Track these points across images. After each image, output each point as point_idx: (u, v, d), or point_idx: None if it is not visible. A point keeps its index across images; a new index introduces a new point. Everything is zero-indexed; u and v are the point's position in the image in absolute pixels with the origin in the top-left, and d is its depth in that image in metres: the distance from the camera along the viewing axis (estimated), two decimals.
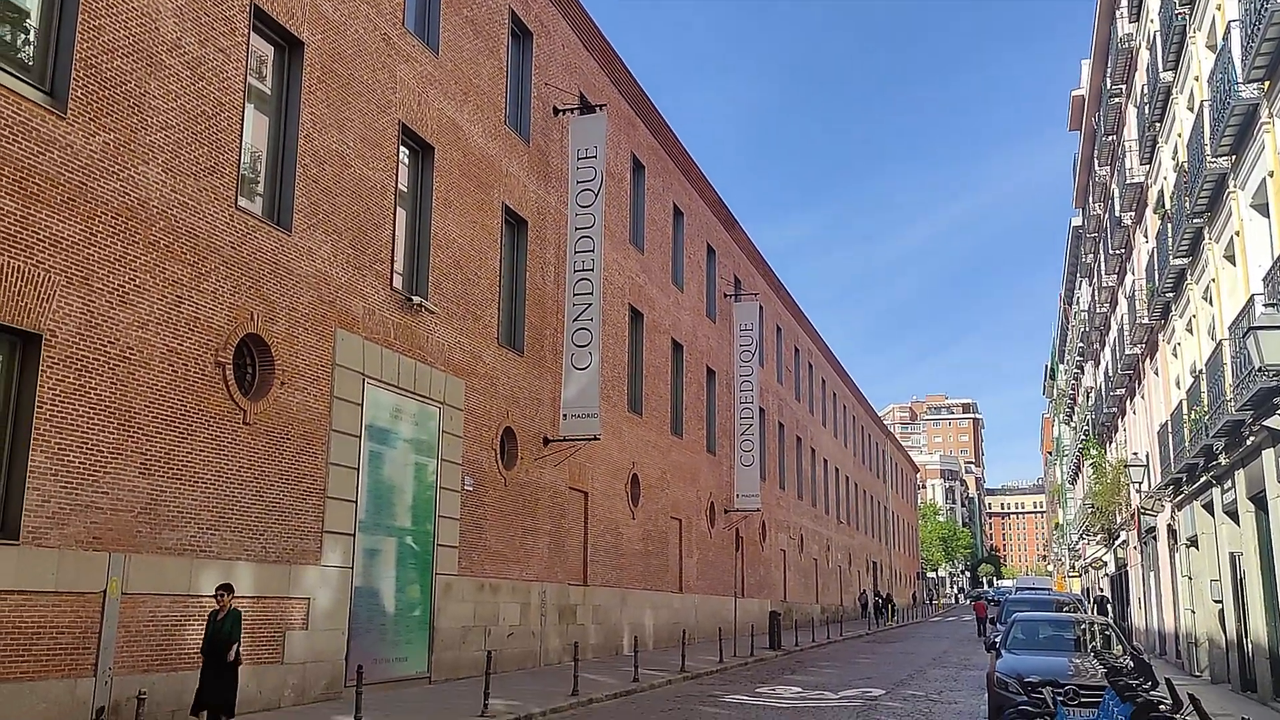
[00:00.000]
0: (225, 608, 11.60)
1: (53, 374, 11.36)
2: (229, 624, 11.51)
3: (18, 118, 11.08)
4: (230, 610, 11.63)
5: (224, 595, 11.69)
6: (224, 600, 11.64)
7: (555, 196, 24.64)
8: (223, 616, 11.54)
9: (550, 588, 23.26)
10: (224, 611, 11.57)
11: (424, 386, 18.66)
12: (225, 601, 11.63)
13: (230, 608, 11.70)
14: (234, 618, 11.59)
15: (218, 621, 11.52)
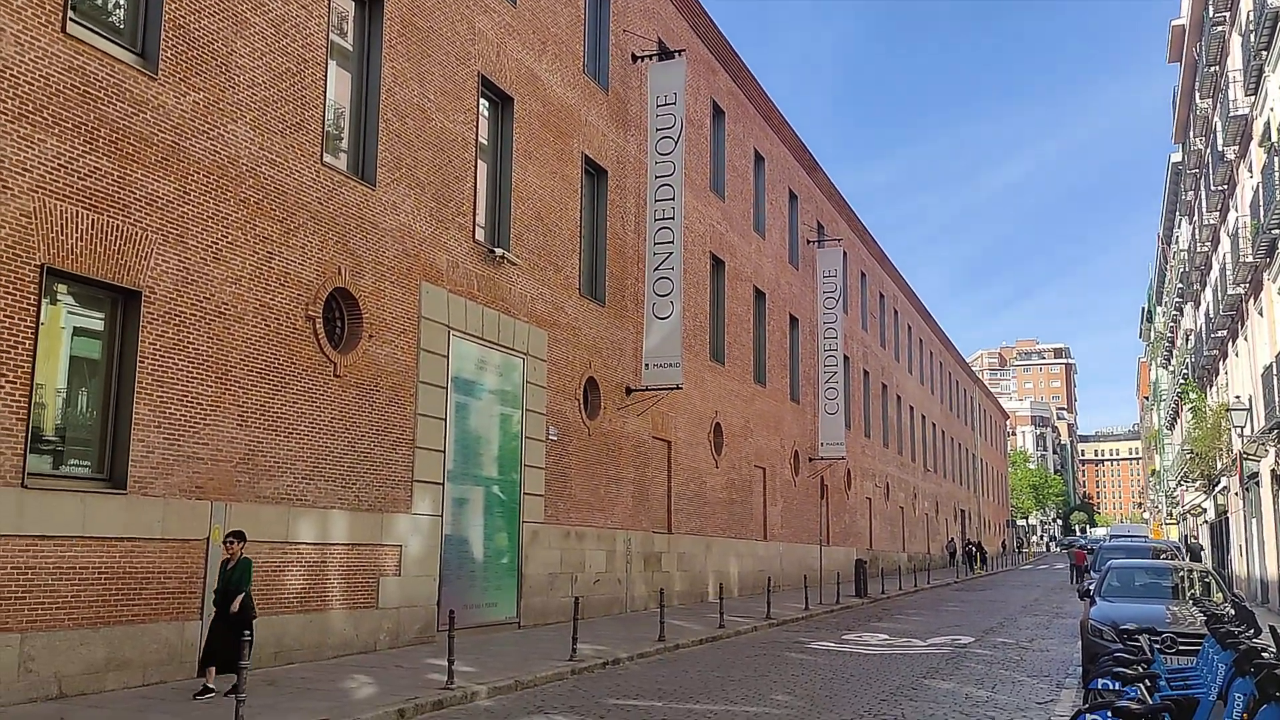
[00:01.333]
0: (236, 556, 11.10)
1: (153, 329, 11.75)
2: (238, 573, 11.04)
3: (112, 80, 11.37)
4: (240, 559, 11.14)
5: (234, 543, 11.15)
6: (234, 548, 11.12)
7: (635, 145, 24.49)
8: (233, 565, 11.07)
9: (635, 535, 23.51)
10: (234, 560, 11.08)
11: (507, 338, 18.86)
12: (235, 549, 11.12)
13: (241, 556, 11.18)
14: (244, 567, 11.11)
15: (228, 571, 11.07)
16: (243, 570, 11.04)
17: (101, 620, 10.95)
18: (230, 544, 11.12)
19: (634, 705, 11.48)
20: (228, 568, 11.06)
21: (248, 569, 11.09)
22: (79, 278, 11.04)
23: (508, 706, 11.39)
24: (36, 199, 10.46)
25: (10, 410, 10.12)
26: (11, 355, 10.16)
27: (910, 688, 13.03)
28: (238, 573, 11.00)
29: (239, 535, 11.22)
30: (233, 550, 11.08)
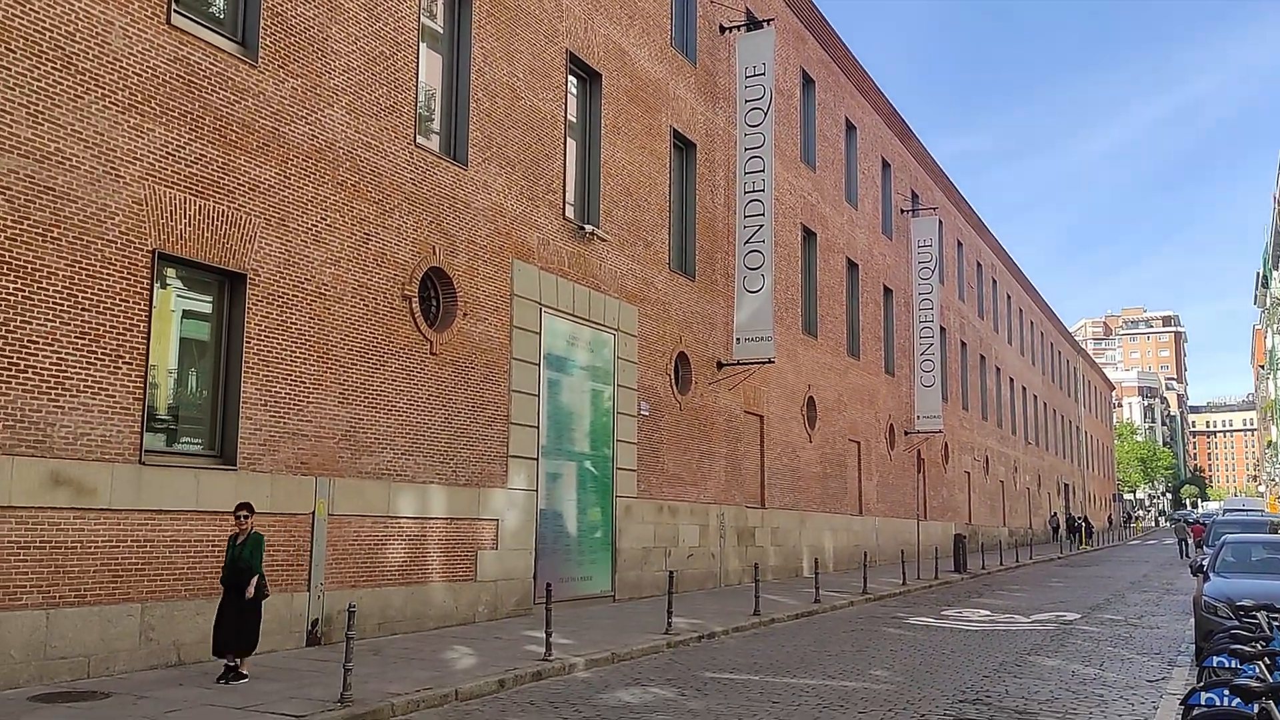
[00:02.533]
0: (245, 531, 10.28)
1: (257, 310, 12.12)
2: (248, 550, 10.22)
3: (215, 69, 11.70)
4: (250, 534, 10.31)
5: (243, 517, 10.31)
6: (244, 523, 10.29)
7: (723, 117, 24.28)
8: (242, 541, 10.25)
9: (728, 510, 23.50)
10: (244, 535, 10.27)
11: (598, 314, 18.95)
12: (245, 524, 10.29)
13: (250, 531, 10.34)
14: (254, 543, 10.28)
15: (237, 546, 10.26)
16: (253, 547, 10.25)
17: (215, 591, 11.38)
18: (240, 518, 10.31)
19: (730, 679, 11.51)
20: (236, 543, 10.28)
21: (259, 546, 10.29)
22: (187, 261, 11.44)
23: (605, 678, 11.52)
24: (147, 186, 10.85)
25: (127, 390, 10.56)
26: (128, 338, 10.59)
27: (1014, 664, 12.78)
28: (247, 549, 10.21)
29: (247, 508, 10.42)
30: (242, 525, 10.28)
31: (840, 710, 9.73)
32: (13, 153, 9.64)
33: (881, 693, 10.69)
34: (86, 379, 10.19)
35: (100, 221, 10.38)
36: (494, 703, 10.04)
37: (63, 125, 10.08)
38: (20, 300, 9.65)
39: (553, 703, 10.04)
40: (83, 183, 10.23)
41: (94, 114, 10.37)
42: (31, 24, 9.87)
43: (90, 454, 10.17)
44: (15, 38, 9.72)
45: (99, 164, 10.39)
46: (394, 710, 9.29)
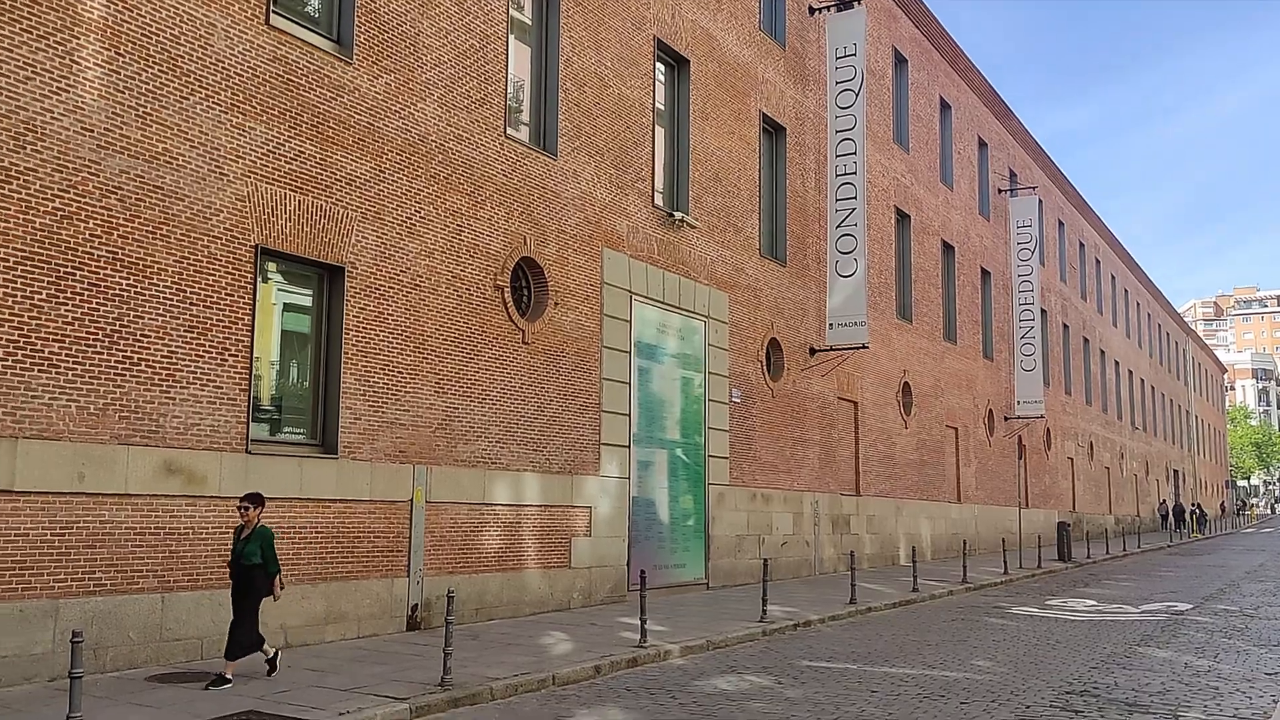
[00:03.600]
0: (251, 523, 9.40)
1: (355, 302, 12.39)
2: (255, 544, 9.33)
3: (311, 66, 11.98)
4: (257, 527, 9.41)
5: (249, 508, 9.39)
6: (247, 514, 9.40)
7: (814, 100, 23.95)
8: (247, 535, 9.39)
9: (822, 497, 23.26)
10: (249, 529, 9.41)
11: (688, 301, 18.90)
12: (249, 516, 9.39)
13: (257, 524, 9.43)
14: (263, 538, 9.38)
15: (241, 541, 9.42)
16: (259, 541, 9.35)
17: (320, 576, 11.72)
18: (244, 509, 9.40)
19: (828, 667, 11.39)
20: (240, 536, 9.43)
21: (270, 542, 9.41)
22: (288, 256, 11.74)
23: (700, 666, 11.52)
24: (249, 183, 11.17)
25: (234, 382, 10.91)
26: (233, 331, 10.93)
27: (1123, 655, 12.38)
28: (253, 543, 9.34)
29: (253, 499, 9.47)
30: (247, 517, 9.38)
31: (942, 700, 9.55)
32: (124, 153, 10.01)
33: (984, 683, 10.46)
34: (196, 371, 10.55)
35: (206, 218, 10.72)
36: (590, 688, 10.12)
37: (170, 126, 10.43)
38: (133, 296, 10.03)
39: (649, 689, 10.07)
40: (189, 181, 10.57)
41: (199, 114, 10.70)
42: (139, 29, 10.22)
43: (200, 443, 10.54)
44: (124, 43, 10.08)
45: (204, 163, 10.73)
46: (493, 694, 9.43)
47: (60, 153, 9.51)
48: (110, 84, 9.94)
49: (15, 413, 9.08)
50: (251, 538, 9.34)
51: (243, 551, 9.31)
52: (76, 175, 9.63)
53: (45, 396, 9.31)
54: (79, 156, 9.65)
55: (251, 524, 9.41)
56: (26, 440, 9.12)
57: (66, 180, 9.55)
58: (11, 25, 9.20)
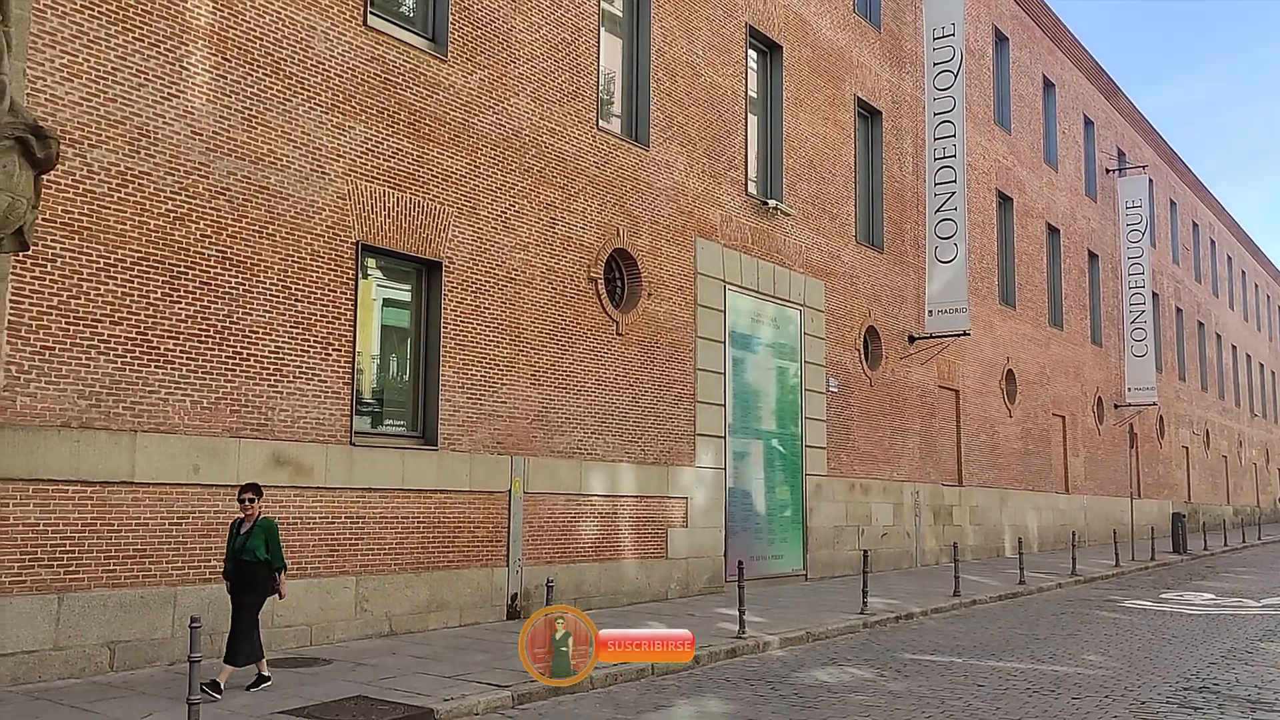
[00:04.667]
0: (253, 517, 8.71)
1: (452, 297, 12.58)
2: (258, 538, 8.64)
3: (408, 65, 12.19)
4: (259, 520, 8.73)
5: (249, 500, 8.69)
6: (250, 507, 8.69)
7: (910, 82, 23.45)
8: (248, 529, 8.68)
9: (923, 488, 22.83)
10: (251, 523, 8.71)
11: (783, 290, 18.72)
12: (252, 509, 8.70)
13: (259, 516, 8.77)
14: (265, 530, 8.69)
15: (240, 536, 8.69)
16: (263, 534, 8.67)
17: (422, 565, 11.96)
18: (247, 501, 8.69)
19: (932, 660, 11.17)
20: (239, 531, 8.74)
21: (272, 533, 8.71)
22: (387, 252, 11.98)
23: (800, 657, 11.41)
24: (349, 182, 11.43)
25: (338, 376, 11.19)
26: (336, 326, 11.21)
27: (1244, 651, 11.85)
28: (255, 537, 8.64)
29: (254, 490, 8.81)
30: (249, 510, 8.69)
31: (1052, 695, 9.27)
32: (231, 155, 10.33)
33: (1097, 678, 10.13)
34: (301, 365, 10.85)
35: (309, 217, 11.01)
36: (689, 678, 10.11)
37: (274, 128, 10.73)
38: (241, 293, 10.36)
39: (749, 680, 10.01)
40: (293, 181, 10.86)
41: (301, 115, 10.99)
42: (244, 34, 10.53)
43: (306, 436, 10.84)
44: (230, 48, 10.40)
45: (307, 163, 11.01)
46: (592, 683, 9.48)
47: (172, 156, 9.86)
48: (217, 89, 10.27)
49: (134, 407, 9.47)
50: (254, 531, 8.65)
51: (244, 547, 8.60)
52: (187, 178, 9.98)
53: (161, 392, 9.68)
54: (189, 159, 10.00)
55: (253, 517, 8.73)
56: (145, 434, 9.50)
57: (178, 183, 9.90)
58: (125, 35, 9.56)
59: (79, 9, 9.25)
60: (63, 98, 9.10)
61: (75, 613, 8.93)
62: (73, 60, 9.19)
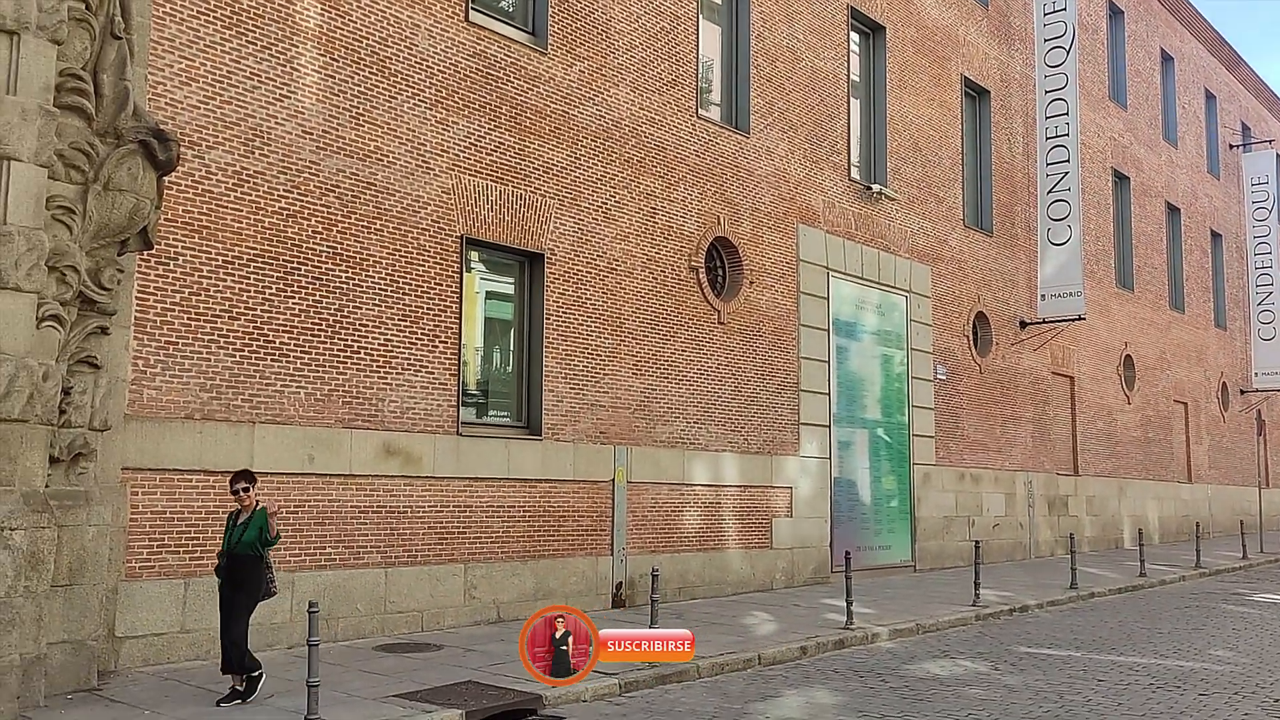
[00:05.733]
0: (249, 507, 7.98)
1: (555, 288, 12.68)
2: (253, 531, 7.90)
3: (509, 59, 12.31)
4: (256, 511, 7.97)
5: (245, 489, 7.98)
6: (245, 497, 7.98)
7: (1020, 60, 22.74)
8: (245, 520, 7.97)
9: (1036, 477, 22.18)
10: (247, 512, 7.99)
11: (888, 276, 18.36)
12: (248, 499, 7.98)
13: (256, 507, 8.00)
14: (259, 521, 7.92)
15: (236, 528, 7.98)
16: (258, 525, 7.92)
17: (528, 554, 12.11)
18: (240, 491, 7.99)
19: (1048, 654, 10.83)
20: (236, 522, 8.02)
21: (263, 520, 7.93)
22: (490, 244, 12.14)
23: (910, 649, 11.19)
24: (453, 176, 11.61)
25: (444, 367, 11.39)
26: (442, 319, 11.41)
27: None
28: (252, 530, 7.91)
29: (247, 478, 8.11)
30: (245, 500, 7.99)
31: (1177, 691, 8.90)
32: (340, 153, 10.59)
33: (1224, 674, 9.68)
34: (409, 358, 11.08)
35: (415, 211, 11.22)
36: (797, 669, 10.01)
37: (380, 125, 10.96)
38: (351, 288, 10.62)
39: (857, 672, 9.86)
40: (399, 176, 11.08)
41: (405, 112, 11.20)
42: (350, 34, 10.78)
43: (415, 426, 11.06)
44: (337, 48, 10.65)
45: (412, 158, 11.22)
46: (699, 672, 9.47)
47: (284, 155, 10.15)
48: (326, 88, 10.53)
49: (252, 399, 9.80)
50: (250, 524, 7.92)
51: (239, 540, 7.91)
52: (299, 176, 10.26)
53: (277, 384, 9.99)
54: (300, 158, 10.28)
55: (250, 508, 7.98)
56: (262, 425, 9.83)
57: (290, 181, 10.19)
58: (239, 38, 9.88)
59: (195, 15, 9.59)
60: (181, 101, 9.45)
61: (200, 597, 9.29)
62: (190, 65, 9.53)
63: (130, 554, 8.91)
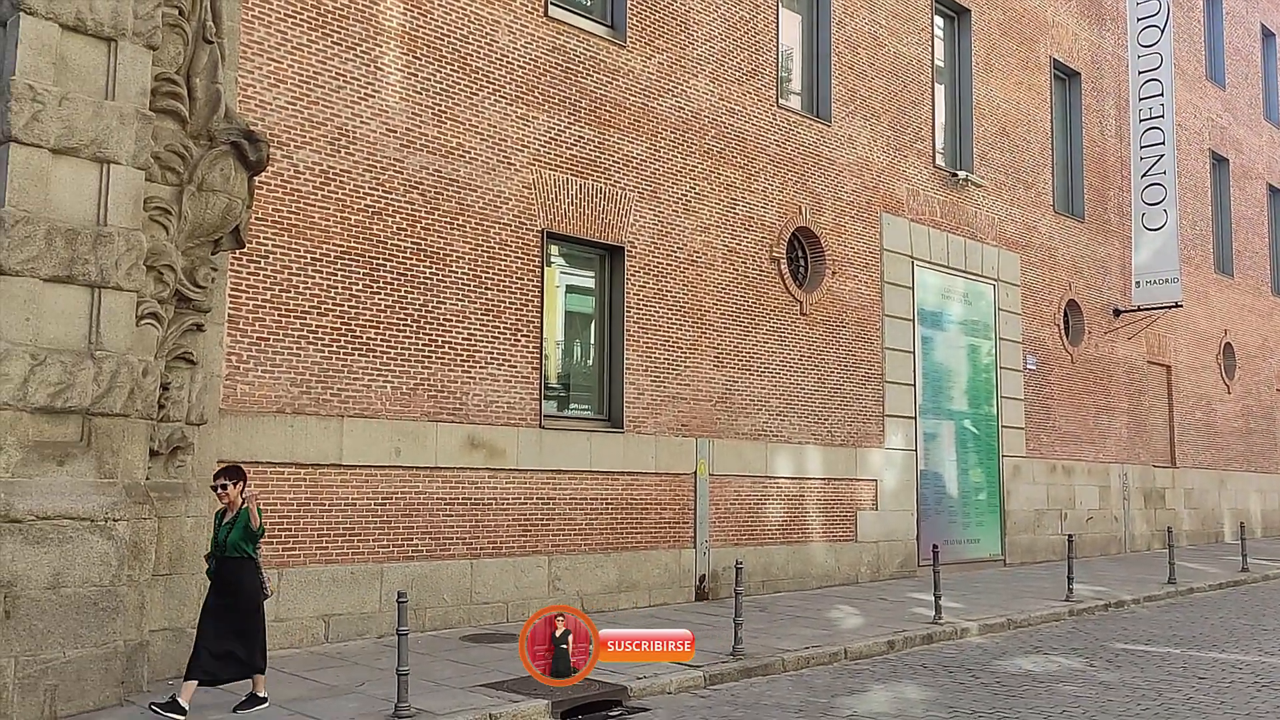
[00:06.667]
0: (234, 505, 7.34)
1: (635, 280, 12.69)
2: (239, 530, 7.28)
3: (588, 53, 12.34)
4: (241, 510, 7.32)
5: (226, 486, 7.35)
6: (228, 494, 7.33)
7: (1112, 40, 22.03)
8: (230, 519, 7.33)
9: (1131, 469, 21.52)
10: (233, 511, 7.35)
11: (974, 264, 17.97)
12: (227, 496, 7.33)
13: (242, 505, 7.34)
14: (245, 519, 7.29)
15: (224, 526, 7.35)
16: (243, 524, 7.29)
17: (611, 546, 12.14)
18: (220, 489, 7.37)
19: (1146, 651, 10.50)
20: (222, 521, 7.40)
21: (247, 520, 7.30)
22: (571, 238, 12.19)
23: (1001, 645, 10.95)
24: (534, 171, 11.68)
25: (526, 361, 11.48)
26: (524, 313, 11.50)
27: None
28: (237, 529, 7.28)
29: (227, 474, 7.46)
30: (228, 497, 7.34)
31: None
32: (423, 150, 10.73)
33: None
34: (492, 352, 11.19)
35: (496, 207, 11.32)
36: (884, 663, 9.87)
37: (462, 121, 11.08)
38: (435, 283, 10.76)
39: (947, 667, 9.68)
40: (480, 172, 11.19)
41: (487, 108, 11.30)
42: (432, 32, 10.91)
43: (498, 419, 11.17)
44: (420, 47, 10.79)
45: (493, 154, 11.32)
46: (784, 665, 9.40)
47: (369, 154, 10.33)
48: (409, 86, 10.68)
49: (341, 394, 9.99)
50: (236, 522, 7.30)
51: (224, 541, 7.30)
52: (384, 174, 10.43)
53: (365, 379, 10.18)
54: (385, 156, 10.44)
55: (235, 505, 7.34)
56: (350, 419, 10.02)
57: (375, 179, 10.36)
58: (324, 40, 10.07)
59: (283, 18, 9.80)
60: (270, 103, 9.67)
61: (294, 586, 9.52)
62: (278, 67, 9.74)
63: None
